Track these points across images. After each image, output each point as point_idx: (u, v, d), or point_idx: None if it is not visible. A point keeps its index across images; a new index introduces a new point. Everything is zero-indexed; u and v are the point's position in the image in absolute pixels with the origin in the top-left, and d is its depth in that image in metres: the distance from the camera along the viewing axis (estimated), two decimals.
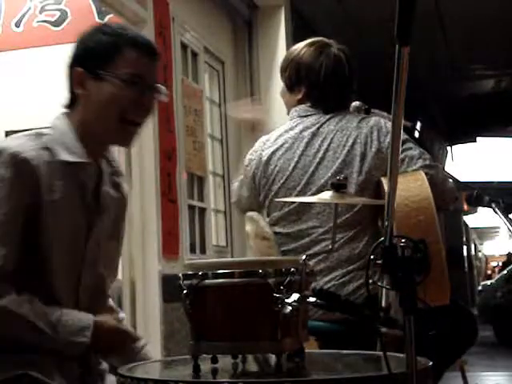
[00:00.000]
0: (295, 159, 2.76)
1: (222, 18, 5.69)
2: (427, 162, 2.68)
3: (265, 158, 2.80)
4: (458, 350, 2.92)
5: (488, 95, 10.05)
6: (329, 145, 2.74)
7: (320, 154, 2.74)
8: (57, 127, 2.01)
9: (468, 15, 7.08)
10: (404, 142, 2.69)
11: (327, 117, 2.79)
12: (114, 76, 1.92)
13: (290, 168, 2.76)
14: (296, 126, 2.81)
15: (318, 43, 2.88)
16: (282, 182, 2.77)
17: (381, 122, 2.75)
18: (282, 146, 2.79)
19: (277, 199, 2.75)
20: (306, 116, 2.81)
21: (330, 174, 2.69)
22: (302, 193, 2.74)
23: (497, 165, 15.39)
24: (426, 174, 2.60)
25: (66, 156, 1.93)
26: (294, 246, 2.75)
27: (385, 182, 2.65)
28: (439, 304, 2.42)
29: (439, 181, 2.68)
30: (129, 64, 1.94)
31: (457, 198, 2.75)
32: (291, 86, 2.87)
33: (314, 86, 2.81)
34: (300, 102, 2.84)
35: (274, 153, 2.79)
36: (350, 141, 2.72)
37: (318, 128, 2.77)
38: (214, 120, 5.52)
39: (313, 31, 7.00)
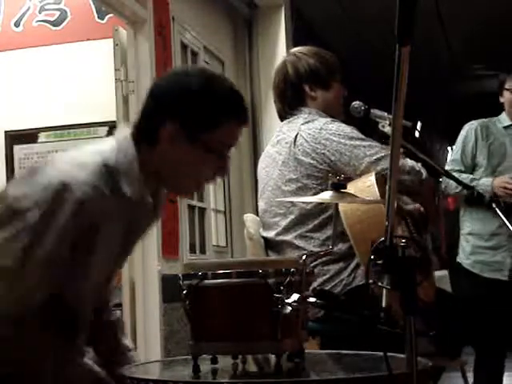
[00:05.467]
0: (264, 166, 2.96)
1: (222, 18, 5.69)
2: (373, 159, 2.71)
3: None
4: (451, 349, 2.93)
5: (489, 95, 10.03)
6: (278, 145, 2.90)
7: (273, 156, 2.90)
8: (123, 153, 1.87)
9: (468, 15, 7.08)
10: (351, 139, 2.75)
11: (284, 122, 2.95)
12: (210, 145, 1.85)
13: (262, 174, 2.96)
14: None
15: None
16: (260, 188, 2.98)
17: (325, 123, 2.81)
18: None
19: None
20: None
21: (276, 174, 2.84)
22: (262, 193, 2.93)
23: None
24: (375, 170, 2.67)
25: (127, 190, 1.83)
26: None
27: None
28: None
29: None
30: (226, 136, 1.87)
31: (421, 181, 2.73)
32: None
33: None
34: None
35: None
36: (289, 141, 2.82)
37: (278, 135, 2.93)
38: None
39: (313, 31, 7.00)
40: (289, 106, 2.92)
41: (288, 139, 2.83)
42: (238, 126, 1.89)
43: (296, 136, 2.80)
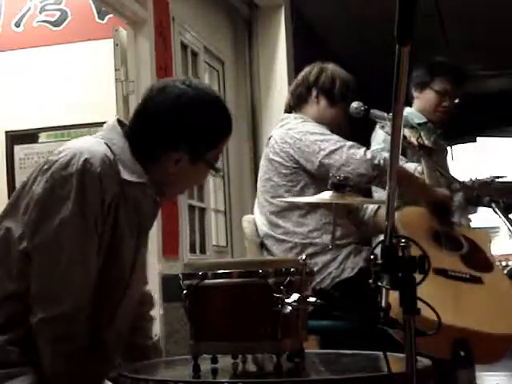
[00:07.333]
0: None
1: (222, 18, 5.69)
2: (325, 153, 2.75)
3: None
4: None
5: (488, 95, 10.07)
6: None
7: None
8: (114, 142, 1.93)
9: (468, 15, 7.08)
10: (311, 135, 2.82)
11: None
12: (211, 162, 1.97)
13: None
14: None
15: None
16: None
17: (296, 124, 2.90)
18: None
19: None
20: None
21: (261, 179, 2.95)
22: (257, 197, 2.99)
23: (497, 164, 15.40)
24: (328, 164, 2.72)
25: (127, 175, 1.89)
26: None
27: None
28: None
29: (338, 166, 2.71)
30: (221, 149, 2.01)
31: (374, 166, 2.70)
32: None
33: None
34: None
35: None
36: (268, 144, 2.95)
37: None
38: None
39: (313, 31, 7.00)
40: (293, 99, 3.04)
41: (270, 139, 2.98)
42: (229, 138, 2.01)
43: (269, 139, 2.95)
